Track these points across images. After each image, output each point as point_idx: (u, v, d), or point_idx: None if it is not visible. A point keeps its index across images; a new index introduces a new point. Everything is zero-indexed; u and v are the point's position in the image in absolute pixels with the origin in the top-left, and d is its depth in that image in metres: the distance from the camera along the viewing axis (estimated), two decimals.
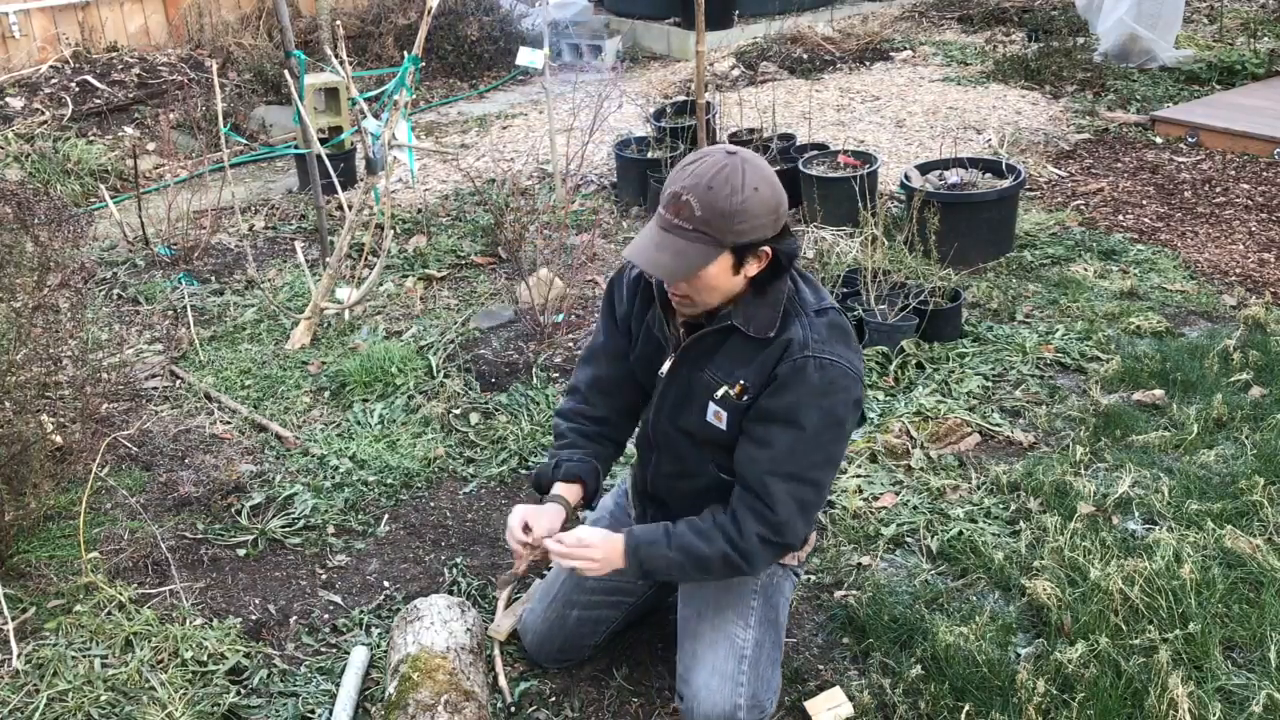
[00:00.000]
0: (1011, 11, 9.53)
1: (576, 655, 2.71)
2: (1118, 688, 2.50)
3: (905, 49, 8.74)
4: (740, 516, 2.20)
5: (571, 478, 2.46)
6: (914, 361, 4.04)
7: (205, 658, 2.71)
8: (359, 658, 2.71)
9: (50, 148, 6.37)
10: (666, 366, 2.34)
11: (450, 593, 2.99)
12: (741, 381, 2.24)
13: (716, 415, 2.26)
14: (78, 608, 2.86)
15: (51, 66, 7.41)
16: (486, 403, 3.92)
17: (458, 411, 3.87)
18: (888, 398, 3.88)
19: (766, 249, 2.16)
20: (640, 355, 2.42)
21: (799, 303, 2.24)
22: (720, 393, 2.25)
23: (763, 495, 2.18)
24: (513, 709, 2.60)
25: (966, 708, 2.48)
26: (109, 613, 2.85)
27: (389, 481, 3.51)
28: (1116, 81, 7.42)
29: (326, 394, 4.05)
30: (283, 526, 3.28)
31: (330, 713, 2.56)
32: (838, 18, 9.75)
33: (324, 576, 3.10)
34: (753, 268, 2.18)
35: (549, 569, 2.74)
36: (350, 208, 4.60)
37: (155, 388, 4.11)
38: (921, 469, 3.46)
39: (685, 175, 2.10)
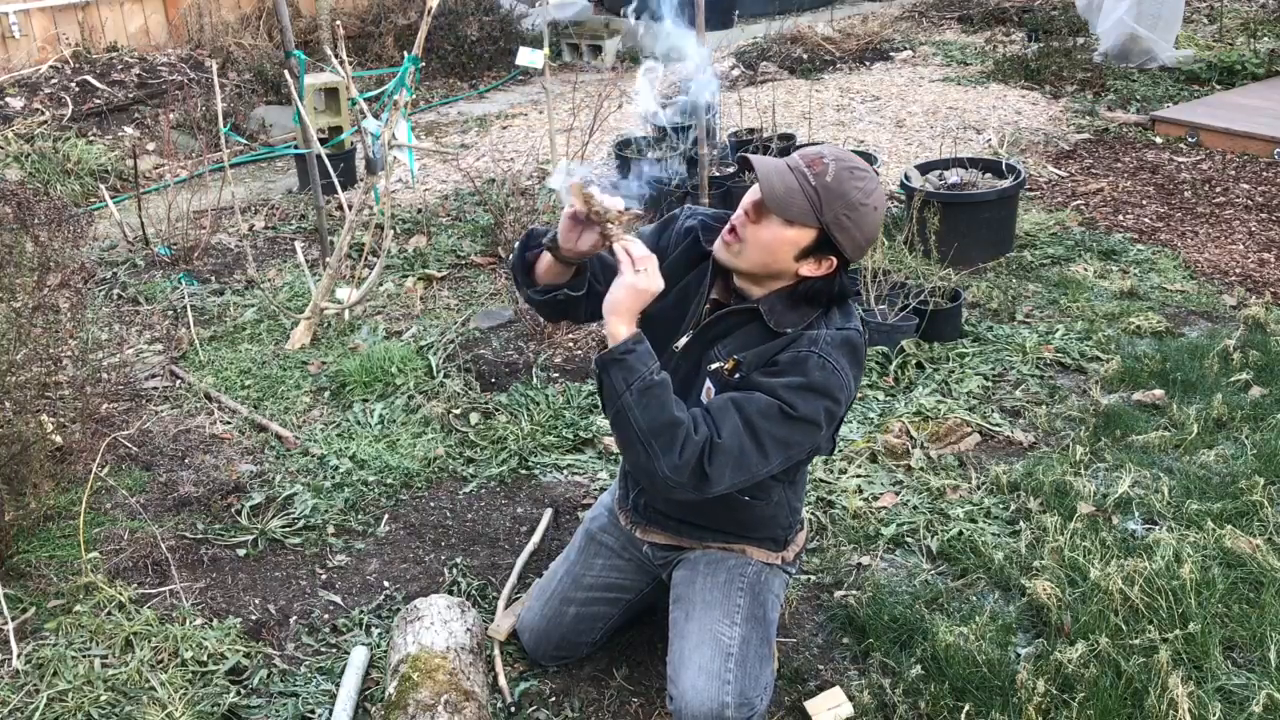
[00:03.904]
0: (1011, 11, 9.53)
1: (574, 653, 2.71)
2: (1118, 688, 2.50)
3: (905, 49, 8.75)
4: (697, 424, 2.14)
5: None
6: (914, 361, 4.04)
7: (205, 658, 2.71)
8: (359, 658, 2.71)
9: (50, 148, 6.37)
10: (683, 342, 2.33)
11: (450, 593, 2.99)
12: (736, 358, 2.24)
13: (707, 393, 2.26)
14: (78, 608, 2.86)
15: (51, 66, 7.41)
16: (486, 403, 3.92)
17: (458, 411, 3.87)
18: (888, 398, 3.88)
19: (834, 260, 2.19)
20: (657, 313, 2.31)
21: (825, 320, 2.25)
22: (714, 367, 2.26)
23: (717, 417, 2.13)
24: (513, 709, 2.60)
25: (966, 708, 2.48)
26: (109, 613, 2.85)
27: (389, 481, 3.51)
28: (1116, 81, 7.42)
29: (326, 394, 4.05)
30: (283, 526, 3.28)
31: (330, 713, 2.56)
32: (838, 18, 9.75)
33: (324, 576, 3.10)
34: (811, 266, 2.20)
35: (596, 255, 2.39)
36: (350, 208, 4.60)
37: (155, 388, 4.11)
38: (921, 469, 3.46)
39: (836, 150, 2.19)
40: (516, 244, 2.45)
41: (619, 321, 2.13)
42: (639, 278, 2.11)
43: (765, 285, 2.26)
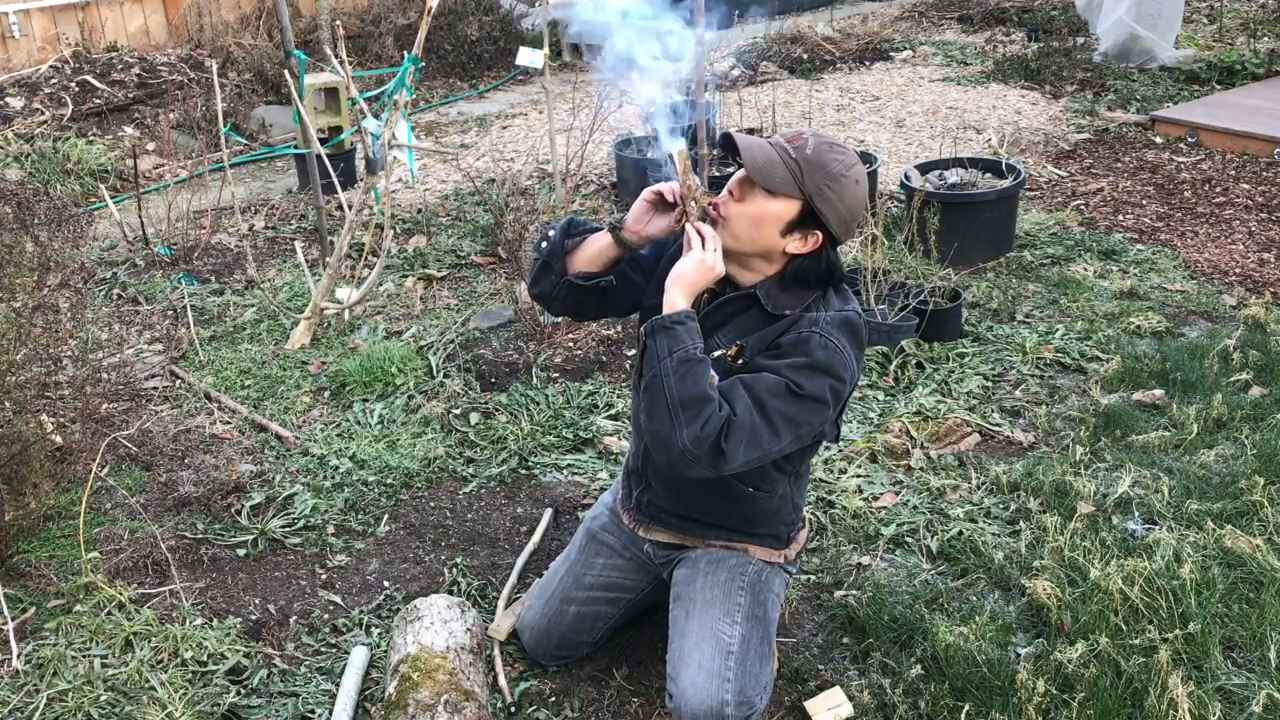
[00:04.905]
0: (1011, 11, 9.54)
1: (574, 652, 2.71)
2: (1118, 688, 2.50)
3: (905, 49, 8.75)
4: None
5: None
6: (914, 361, 4.04)
7: (205, 658, 2.71)
8: (359, 658, 2.71)
9: (50, 148, 6.36)
10: None
11: (450, 593, 2.99)
12: (739, 344, 2.27)
13: (711, 380, 2.27)
14: (78, 608, 2.86)
15: (51, 66, 7.41)
16: (486, 403, 3.92)
17: (458, 411, 3.87)
18: (888, 398, 3.88)
19: (819, 235, 2.22)
20: (653, 309, 2.33)
21: (822, 302, 2.28)
22: (716, 354, 2.27)
23: (729, 396, 2.16)
24: (513, 709, 2.60)
25: (966, 708, 2.48)
26: (109, 613, 2.85)
27: (389, 481, 3.51)
28: (1116, 81, 7.42)
29: (326, 394, 4.05)
30: (283, 526, 3.28)
31: (330, 713, 2.56)
32: (838, 18, 9.76)
33: (324, 576, 3.10)
34: (797, 242, 2.23)
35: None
36: (350, 208, 4.60)
37: (155, 388, 4.11)
38: (921, 469, 3.46)
39: (816, 131, 2.26)
40: (551, 231, 2.46)
41: (680, 293, 2.20)
42: (708, 255, 2.19)
43: (755, 269, 2.28)
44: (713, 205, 2.25)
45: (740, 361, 2.26)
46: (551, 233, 2.45)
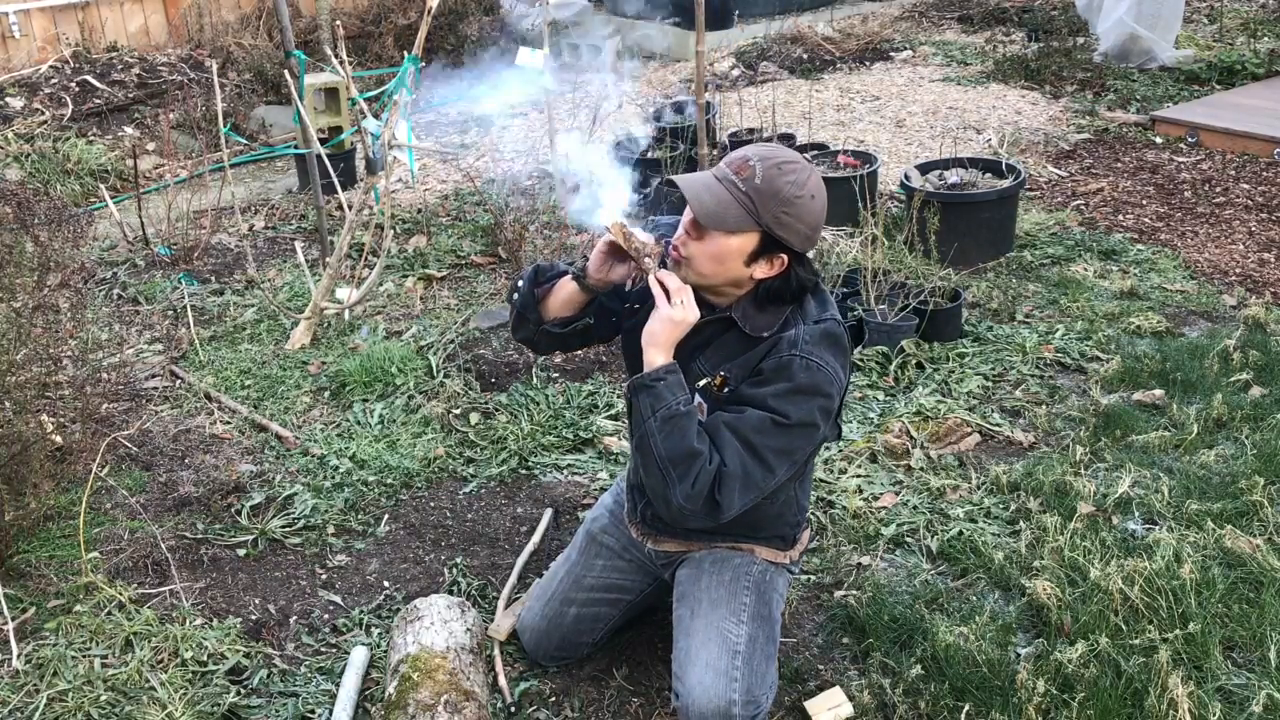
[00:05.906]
0: (1011, 11, 9.53)
1: (574, 653, 2.71)
2: (1118, 688, 2.50)
3: (905, 49, 8.75)
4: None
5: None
6: (914, 361, 4.04)
7: (205, 658, 2.72)
8: (359, 658, 2.71)
9: (50, 148, 6.36)
10: None
11: (450, 593, 2.99)
12: (723, 373, 2.26)
13: (700, 409, 2.27)
14: (78, 608, 2.86)
15: (51, 66, 7.41)
16: (486, 403, 3.92)
17: (458, 411, 3.87)
18: (888, 398, 3.88)
19: (784, 257, 2.19)
20: (632, 329, 2.36)
21: (800, 313, 2.26)
22: (702, 384, 2.27)
23: (717, 443, 2.16)
24: (513, 709, 2.60)
25: (966, 708, 2.48)
26: (109, 613, 2.85)
27: (389, 481, 3.51)
28: (1116, 81, 7.42)
29: (326, 394, 4.05)
30: (283, 526, 3.28)
31: (330, 713, 2.56)
32: (838, 18, 9.75)
33: (324, 576, 3.10)
34: (763, 269, 2.20)
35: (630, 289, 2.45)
36: (350, 208, 4.60)
37: (155, 388, 4.11)
38: (921, 469, 3.46)
39: (760, 149, 2.19)
40: (520, 281, 2.47)
41: (657, 352, 2.19)
42: (675, 309, 2.17)
43: (726, 295, 2.27)
44: (672, 248, 2.23)
45: (726, 390, 2.25)
46: (520, 283, 2.46)
